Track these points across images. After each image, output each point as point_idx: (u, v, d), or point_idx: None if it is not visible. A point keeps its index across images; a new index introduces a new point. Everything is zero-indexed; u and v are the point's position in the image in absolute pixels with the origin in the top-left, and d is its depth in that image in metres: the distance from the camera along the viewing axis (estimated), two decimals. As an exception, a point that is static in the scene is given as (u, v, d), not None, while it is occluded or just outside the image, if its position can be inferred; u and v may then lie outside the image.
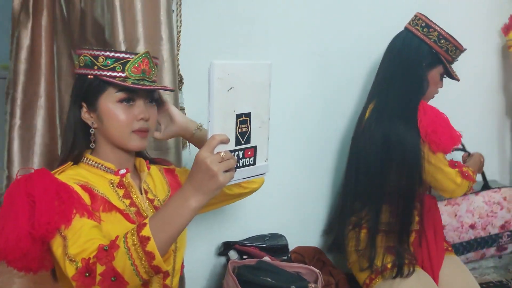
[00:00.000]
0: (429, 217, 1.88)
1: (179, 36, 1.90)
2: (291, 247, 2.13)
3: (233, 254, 2.00)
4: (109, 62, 1.21)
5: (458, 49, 1.90)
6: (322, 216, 2.30)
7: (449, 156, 1.90)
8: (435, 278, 1.79)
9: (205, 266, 2.10)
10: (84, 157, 1.27)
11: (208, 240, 2.09)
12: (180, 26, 1.89)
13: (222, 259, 2.10)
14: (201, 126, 1.43)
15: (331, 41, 2.19)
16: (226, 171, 1.00)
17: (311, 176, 2.25)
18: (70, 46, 1.73)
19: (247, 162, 1.08)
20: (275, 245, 2.04)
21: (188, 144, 1.87)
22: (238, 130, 1.05)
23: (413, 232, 1.88)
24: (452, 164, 1.86)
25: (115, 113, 1.22)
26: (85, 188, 1.18)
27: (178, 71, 1.89)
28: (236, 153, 1.05)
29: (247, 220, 2.15)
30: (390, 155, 1.81)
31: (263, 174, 1.13)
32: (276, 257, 1.97)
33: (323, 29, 2.17)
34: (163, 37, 1.73)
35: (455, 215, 2.18)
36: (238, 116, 1.04)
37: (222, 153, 0.99)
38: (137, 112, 1.24)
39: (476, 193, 2.22)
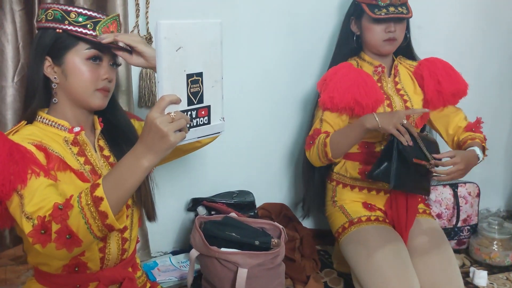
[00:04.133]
0: None
1: (149, -8, 1.88)
2: (258, 204, 2.20)
3: (201, 210, 2.06)
4: (81, 19, 1.22)
5: None
6: (288, 173, 2.36)
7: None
8: (404, 238, 1.83)
9: (174, 221, 2.16)
10: (38, 116, 1.26)
11: (177, 196, 2.15)
12: (150, -18, 1.88)
13: (191, 215, 2.16)
14: None
15: (300, 1, 2.19)
16: (179, 130, 1.01)
17: (279, 135, 2.30)
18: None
19: (201, 121, 1.09)
20: (242, 202, 2.11)
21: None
22: (189, 90, 1.04)
23: (382, 192, 1.92)
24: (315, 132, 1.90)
25: (81, 70, 1.23)
26: (40, 147, 1.17)
27: (148, 29, 1.89)
28: (189, 112, 1.05)
29: (216, 177, 2.21)
30: None
31: (219, 132, 1.15)
32: (243, 213, 2.04)
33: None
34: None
35: None
36: (189, 76, 1.04)
37: (173, 114, 1.00)
38: (103, 72, 1.26)
39: (444, 185, 2.31)
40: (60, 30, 1.22)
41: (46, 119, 1.26)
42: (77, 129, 1.27)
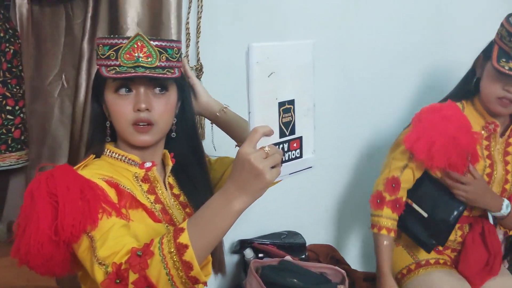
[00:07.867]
0: (477, 244, 1.70)
1: (199, 22, 1.80)
2: (304, 245, 2.07)
3: (248, 253, 1.92)
4: (105, 50, 1.10)
5: (508, 32, 1.56)
6: (335, 213, 2.24)
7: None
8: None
9: (217, 264, 2.02)
10: (107, 150, 1.18)
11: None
12: (201, 12, 1.79)
13: (234, 257, 2.03)
14: (226, 108, 1.33)
15: (351, 37, 2.10)
16: (273, 167, 0.88)
17: (326, 174, 2.18)
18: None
19: (293, 155, 0.96)
20: (293, 243, 1.98)
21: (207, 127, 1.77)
22: (281, 120, 0.92)
23: (449, 249, 1.77)
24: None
25: (112, 105, 1.12)
26: (111, 183, 1.07)
27: (199, 59, 1.80)
28: (281, 145, 0.93)
29: (259, 217, 2.06)
30: None
31: (310, 167, 1.01)
32: (294, 255, 1.91)
33: (343, 24, 2.08)
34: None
35: None
36: (281, 104, 0.92)
37: (267, 148, 0.88)
38: (134, 102, 1.10)
39: None
40: (98, 67, 1.13)
41: (115, 153, 1.17)
42: (148, 164, 1.16)
